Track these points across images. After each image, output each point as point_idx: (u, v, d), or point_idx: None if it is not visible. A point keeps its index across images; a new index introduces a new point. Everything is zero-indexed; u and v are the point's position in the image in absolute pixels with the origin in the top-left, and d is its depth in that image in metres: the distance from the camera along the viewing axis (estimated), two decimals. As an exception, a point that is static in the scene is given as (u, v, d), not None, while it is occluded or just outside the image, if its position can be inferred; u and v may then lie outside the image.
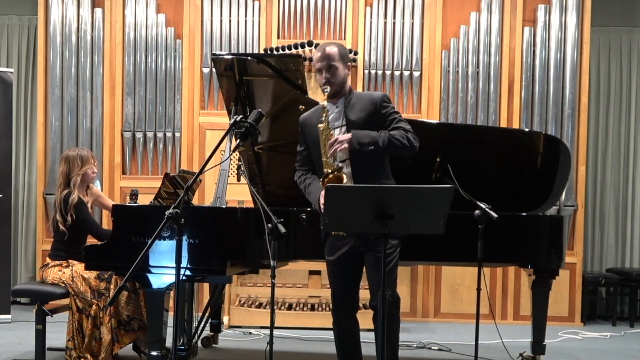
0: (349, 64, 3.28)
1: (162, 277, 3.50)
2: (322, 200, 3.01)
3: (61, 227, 4.11)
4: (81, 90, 6.07)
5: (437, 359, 4.66)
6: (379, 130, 3.11)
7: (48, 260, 4.18)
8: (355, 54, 5.92)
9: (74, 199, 4.09)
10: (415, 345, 4.90)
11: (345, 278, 3.22)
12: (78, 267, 4.04)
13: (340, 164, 3.06)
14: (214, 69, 4.80)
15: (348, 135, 3.05)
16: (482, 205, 3.41)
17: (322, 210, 2.96)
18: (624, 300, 6.34)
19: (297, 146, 3.35)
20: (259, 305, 5.52)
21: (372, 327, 3.05)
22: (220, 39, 6.03)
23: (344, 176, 3.04)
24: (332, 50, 3.16)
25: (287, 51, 5.79)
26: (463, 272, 5.95)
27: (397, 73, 6.01)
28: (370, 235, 3.00)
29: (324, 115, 3.11)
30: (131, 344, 4.10)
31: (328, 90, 3.13)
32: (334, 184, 3.00)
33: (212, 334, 4.74)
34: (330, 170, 3.04)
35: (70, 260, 4.13)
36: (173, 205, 2.68)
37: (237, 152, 3.62)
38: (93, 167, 4.26)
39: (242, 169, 3.91)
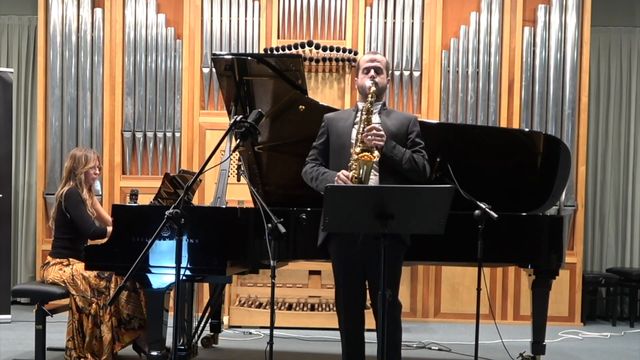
0: (389, 78, 3.53)
1: (162, 277, 3.50)
2: (341, 177, 3.11)
3: (59, 222, 4.15)
4: (81, 90, 6.07)
5: (437, 359, 4.66)
6: (405, 148, 3.27)
7: (49, 258, 4.19)
8: (355, 54, 5.91)
9: (70, 191, 4.15)
10: (415, 345, 4.90)
11: (354, 277, 3.23)
12: (78, 265, 4.05)
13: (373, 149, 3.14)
14: (214, 69, 4.80)
15: (383, 132, 3.16)
16: (482, 205, 3.41)
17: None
18: (624, 300, 6.34)
19: (296, 146, 3.36)
20: (259, 305, 5.52)
21: (374, 327, 3.05)
22: (220, 39, 6.03)
23: (375, 156, 3.10)
24: (382, 58, 3.43)
25: (287, 51, 5.79)
26: (463, 272, 5.95)
27: (397, 73, 6.01)
28: (377, 235, 2.98)
29: (369, 96, 3.23)
30: (131, 344, 4.10)
31: (373, 89, 3.25)
32: (334, 185, 3.02)
33: (212, 334, 4.74)
34: (363, 148, 3.11)
35: (71, 259, 4.14)
36: (173, 205, 2.68)
37: (237, 152, 3.62)
38: (96, 169, 4.29)
39: (242, 169, 3.91)
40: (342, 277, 3.27)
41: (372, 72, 3.33)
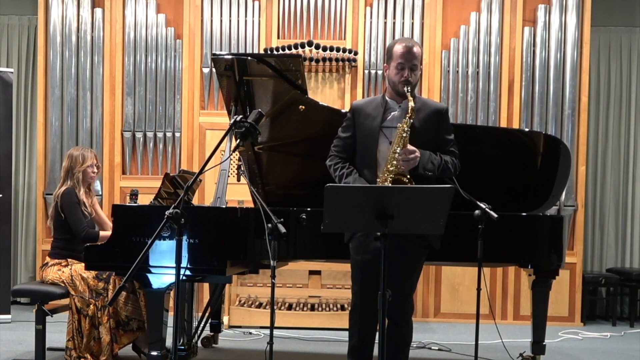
0: (422, 66, 3.28)
1: (162, 277, 3.50)
2: None
3: (56, 222, 4.15)
4: (81, 90, 6.07)
5: (437, 359, 4.66)
6: (437, 153, 3.19)
7: (48, 259, 4.20)
8: (355, 54, 5.91)
9: (66, 191, 4.14)
10: (415, 345, 4.89)
11: (373, 280, 3.11)
12: (77, 266, 4.05)
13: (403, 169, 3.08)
14: (214, 69, 4.80)
15: (418, 154, 3.06)
16: (482, 205, 3.40)
17: None
18: (624, 300, 6.34)
19: (296, 146, 3.35)
20: (259, 305, 5.52)
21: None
22: (220, 39, 6.03)
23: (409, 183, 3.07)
24: (418, 50, 3.16)
25: (287, 51, 5.79)
26: (463, 272, 5.94)
27: (397, 73, 6.00)
28: (404, 237, 2.94)
29: (408, 115, 3.07)
30: (131, 344, 4.10)
31: (408, 89, 3.10)
32: (334, 184, 3.01)
33: (212, 334, 4.74)
34: (392, 169, 3.06)
35: (69, 260, 4.14)
36: (173, 205, 2.68)
37: (237, 152, 3.62)
38: (94, 167, 4.28)
39: (242, 169, 3.91)
40: (359, 276, 3.20)
41: (407, 72, 3.12)
